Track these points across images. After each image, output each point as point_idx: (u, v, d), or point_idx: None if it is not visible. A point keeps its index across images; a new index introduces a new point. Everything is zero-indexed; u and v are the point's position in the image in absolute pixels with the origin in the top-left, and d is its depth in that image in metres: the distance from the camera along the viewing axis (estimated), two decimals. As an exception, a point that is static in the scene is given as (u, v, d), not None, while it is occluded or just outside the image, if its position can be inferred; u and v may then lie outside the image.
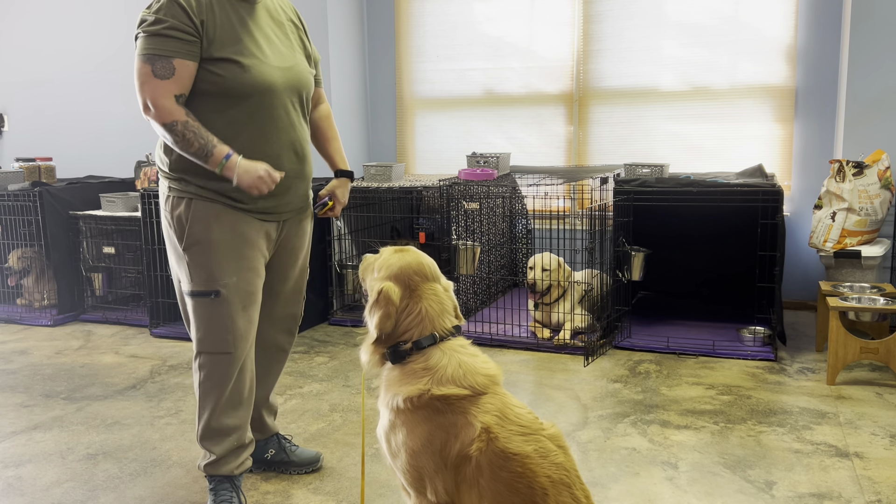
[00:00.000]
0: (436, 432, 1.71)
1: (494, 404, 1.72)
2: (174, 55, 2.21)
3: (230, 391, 2.43)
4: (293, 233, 2.56)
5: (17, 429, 3.26)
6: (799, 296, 5.10)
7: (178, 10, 2.23)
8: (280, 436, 2.80)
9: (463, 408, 1.71)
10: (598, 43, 5.50)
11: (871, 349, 3.54)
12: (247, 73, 2.29)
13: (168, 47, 2.21)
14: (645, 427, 3.13)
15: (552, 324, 4.41)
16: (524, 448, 1.65)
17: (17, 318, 5.15)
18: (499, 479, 1.63)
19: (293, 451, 2.77)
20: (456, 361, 1.78)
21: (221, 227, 2.34)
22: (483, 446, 1.65)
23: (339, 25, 5.77)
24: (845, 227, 4.26)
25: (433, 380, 1.74)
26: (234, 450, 2.47)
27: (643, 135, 5.46)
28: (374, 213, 5.26)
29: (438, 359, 1.78)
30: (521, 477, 1.62)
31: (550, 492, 1.61)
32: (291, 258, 2.58)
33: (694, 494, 2.55)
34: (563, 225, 5.43)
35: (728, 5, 5.15)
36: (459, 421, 1.70)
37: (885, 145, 4.48)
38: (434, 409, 1.72)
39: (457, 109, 5.95)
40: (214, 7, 2.29)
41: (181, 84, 2.23)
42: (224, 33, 2.29)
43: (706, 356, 4.06)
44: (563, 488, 1.63)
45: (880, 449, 2.88)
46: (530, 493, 1.61)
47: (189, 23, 2.23)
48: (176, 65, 2.21)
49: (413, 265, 1.86)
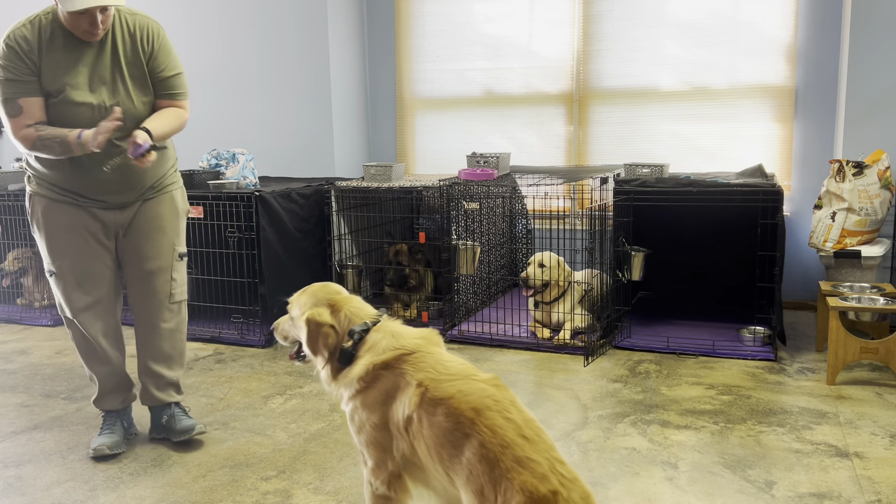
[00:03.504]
0: (386, 400, 1.91)
1: (427, 362, 1.91)
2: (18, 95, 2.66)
3: (86, 349, 2.98)
4: (142, 218, 2.94)
5: (17, 429, 3.26)
6: (799, 296, 5.10)
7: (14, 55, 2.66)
8: (176, 405, 3.12)
9: (401, 370, 1.91)
10: (598, 43, 5.50)
11: (871, 349, 3.54)
12: (71, 109, 2.71)
13: (12, 89, 2.66)
14: (645, 427, 3.13)
15: (552, 324, 4.40)
16: (448, 391, 1.81)
17: (17, 318, 5.16)
18: (433, 425, 1.79)
19: (179, 420, 3.08)
20: (389, 333, 1.99)
21: (52, 217, 2.84)
22: (418, 400, 1.83)
23: (339, 25, 5.77)
24: (845, 227, 4.26)
25: (374, 354, 1.96)
26: (109, 391, 3.04)
27: (643, 135, 5.46)
28: (374, 213, 5.26)
29: (375, 338, 1.99)
30: (448, 416, 1.77)
31: (477, 418, 1.73)
32: (147, 240, 2.96)
33: (694, 494, 2.55)
34: (563, 225, 5.42)
35: (728, 5, 5.15)
36: (400, 383, 1.89)
37: (885, 145, 4.48)
38: (379, 379, 1.93)
39: (457, 109, 5.95)
40: (41, 46, 2.68)
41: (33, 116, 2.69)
42: (53, 74, 2.69)
43: (706, 356, 4.06)
44: (492, 413, 1.74)
45: (880, 449, 2.88)
46: (458, 426, 1.75)
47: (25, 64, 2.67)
48: (21, 103, 2.66)
49: (319, 290, 2.12)
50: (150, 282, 2.99)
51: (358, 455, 2.11)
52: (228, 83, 5.94)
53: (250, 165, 4.92)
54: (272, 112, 5.89)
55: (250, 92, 5.92)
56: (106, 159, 2.72)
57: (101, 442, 2.93)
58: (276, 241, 4.51)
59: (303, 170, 5.79)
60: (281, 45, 5.79)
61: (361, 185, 4.84)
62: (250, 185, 4.74)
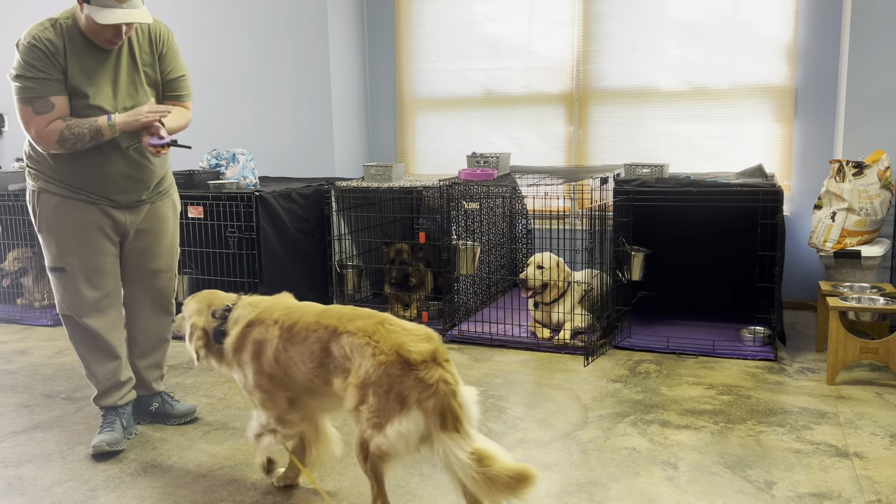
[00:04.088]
0: (258, 351, 2.43)
1: (280, 308, 2.48)
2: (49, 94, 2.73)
3: (90, 345, 3.03)
4: (150, 219, 3.07)
5: (17, 429, 3.26)
6: (799, 296, 5.10)
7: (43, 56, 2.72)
8: (164, 393, 3.30)
9: (261, 320, 2.47)
10: (598, 43, 5.50)
11: (871, 349, 3.54)
12: (93, 114, 2.78)
13: (44, 88, 2.72)
14: (645, 427, 3.13)
15: (552, 324, 4.40)
16: (295, 317, 2.41)
17: (17, 318, 5.16)
18: (289, 342, 2.38)
19: (174, 406, 3.28)
20: (248, 303, 2.58)
21: (63, 215, 2.89)
22: (278, 332, 2.41)
23: (339, 25, 5.77)
24: (845, 227, 4.26)
25: (241, 321, 2.51)
26: (109, 388, 3.06)
27: (643, 135, 5.46)
28: (374, 213, 5.26)
29: (236, 313, 2.55)
30: (300, 332, 2.36)
31: (319, 320, 2.35)
32: (156, 241, 3.11)
33: (694, 494, 2.55)
34: (563, 225, 5.43)
35: (728, 5, 5.15)
36: (265, 328, 2.44)
37: (885, 145, 4.48)
38: (248, 335, 2.47)
39: (457, 109, 5.95)
40: (65, 50, 2.74)
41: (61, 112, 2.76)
42: (76, 78, 2.76)
43: (706, 356, 4.06)
44: (328, 317, 2.34)
45: (880, 449, 2.88)
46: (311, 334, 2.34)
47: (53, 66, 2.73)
48: (53, 100, 2.73)
49: (203, 297, 2.68)
50: (157, 280, 3.17)
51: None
52: (229, 83, 5.94)
53: (250, 165, 4.92)
54: (272, 112, 5.89)
55: (250, 92, 5.92)
56: (128, 144, 2.88)
57: (101, 439, 2.95)
58: (276, 241, 4.51)
59: (303, 170, 5.79)
60: (281, 45, 5.79)
61: (361, 185, 4.84)
62: (250, 185, 4.75)
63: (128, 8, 2.68)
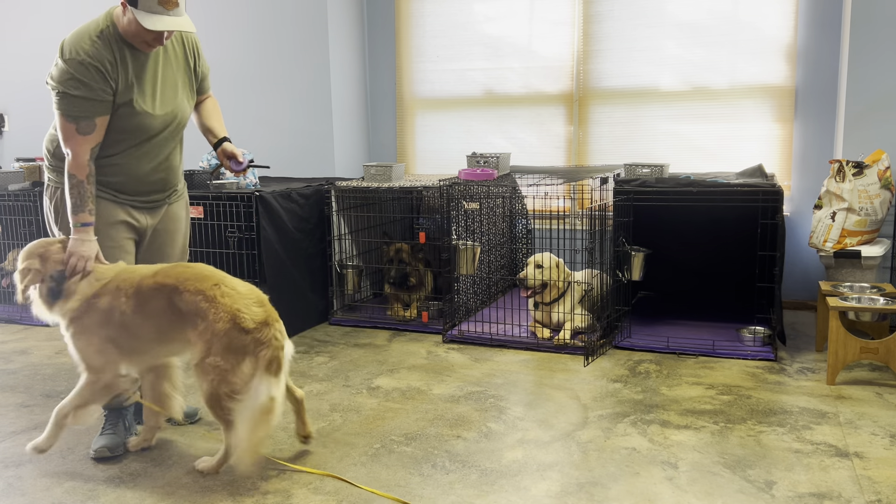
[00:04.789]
0: (105, 319, 2.68)
1: (118, 272, 2.75)
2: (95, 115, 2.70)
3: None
4: (167, 219, 3.10)
5: (17, 429, 3.26)
6: (799, 296, 5.10)
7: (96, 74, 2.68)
8: None
9: (107, 281, 2.70)
10: (598, 43, 5.50)
11: (871, 349, 3.54)
12: (135, 118, 2.80)
13: (92, 109, 2.69)
14: (645, 427, 3.13)
15: (552, 324, 4.41)
16: (135, 276, 2.71)
17: (17, 318, 5.16)
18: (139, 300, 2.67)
19: None
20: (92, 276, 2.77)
21: None
22: (124, 298, 2.68)
23: (339, 25, 5.77)
24: (845, 227, 4.27)
25: (81, 293, 2.71)
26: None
27: (643, 135, 5.47)
28: (374, 213, 5.26)
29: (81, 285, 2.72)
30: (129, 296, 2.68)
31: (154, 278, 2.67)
32: (171, 241, 3.14)
33: (694, 494, 2.55)
34: (563, 225, 5.43)
35: (728, 5, 5.15)
36: (111, 292, 2.68)
37: (885, 145, 4.48)
38: (94, 306, 2.69)
39: (457, 109, 5.95)
40: (117, 63, 2.73)
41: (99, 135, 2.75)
42: (125, 87, 2.75)
43: (706, 356, 4.06)
44: (138, 274, 2.71)
45: (880, 449, 2.88)
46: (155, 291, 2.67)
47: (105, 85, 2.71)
48: (97, 122, 2.71)
49: (39, 244, 2.80)
50: None
51: (358, 454, 2.11)
52: (229, 83, 5.94)
53: (250, 165, 4.91)
54: (272, 112, 5.89)
55: (250, 92, 5.93)
56: (157, 160, 2.95)
57: (103, 443, 2.94)
58: (276, 241, 4.51)
59: (303, 170, 5.79)
60: (281, 45, 5.79)
61: (361, 185, 4.84)
62: (250, 185, 4.74)
63: (175, 16, 2.67)
